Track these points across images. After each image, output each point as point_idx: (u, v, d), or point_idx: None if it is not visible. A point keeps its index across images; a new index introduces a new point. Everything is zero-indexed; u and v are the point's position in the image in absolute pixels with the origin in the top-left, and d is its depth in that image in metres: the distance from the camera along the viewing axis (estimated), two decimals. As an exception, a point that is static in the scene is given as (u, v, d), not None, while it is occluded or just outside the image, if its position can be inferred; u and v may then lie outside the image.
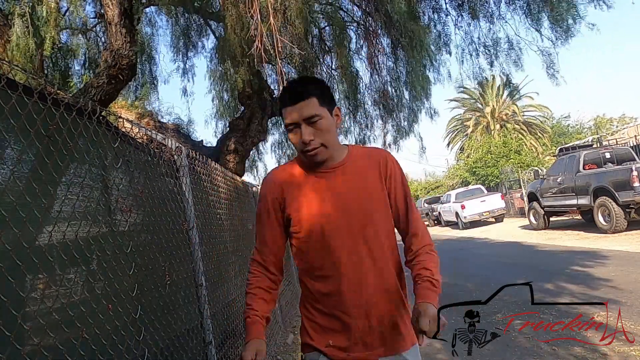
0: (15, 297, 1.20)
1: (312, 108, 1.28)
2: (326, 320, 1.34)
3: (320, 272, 1.34)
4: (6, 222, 1.20)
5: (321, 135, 1.30)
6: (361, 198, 1.34)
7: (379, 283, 1.33)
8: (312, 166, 1.37)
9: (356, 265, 1.32)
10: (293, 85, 1.40)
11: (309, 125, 1.28)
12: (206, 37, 7.69)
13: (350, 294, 1.30)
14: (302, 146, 1.30)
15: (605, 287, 4.94)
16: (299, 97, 1.29)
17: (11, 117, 1.25)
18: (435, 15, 6.50)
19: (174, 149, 2.43)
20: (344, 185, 1.35)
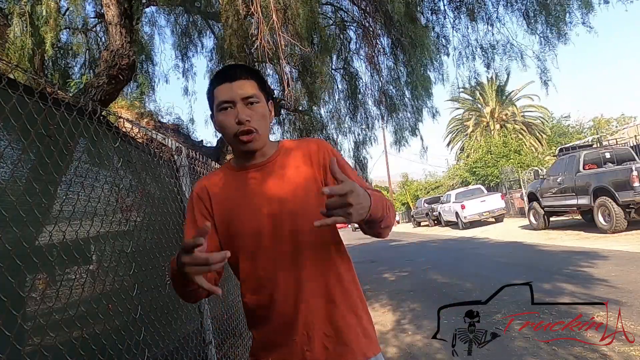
0: (15, 297, 1.20)
1: (251, 88, 1.18)
2: (266, 335, 1.21)
3: (254, 284, 1.20)
4: (6, 222, 1.20)
5: (257, 120, 1.17)
6: (295, 196, 1.20)
7: (319, 290, 1.18)
8: (244, 161, 1.24)
9: (291, 272, 1.17)
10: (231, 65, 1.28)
11: (246, 105, 1.16)
12: (206, 36, 7.70)
13: (285, 305, 1.17)
14: (235, 128, 1.16)
15: (605, 287, 4.94)
16: (238, 75, 1.18)
17: (12, 116, 1.25)
18: (434, 16, 6.51)
19: (174, 149, 2.43)
20: (274, 183, 1.21)
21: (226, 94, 1.16)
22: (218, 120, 1.19)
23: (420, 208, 24.71)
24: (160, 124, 7.22)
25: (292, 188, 1.20)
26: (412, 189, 36.09)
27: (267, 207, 1.19)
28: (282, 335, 1.17)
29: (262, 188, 1.21)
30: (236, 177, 1.24)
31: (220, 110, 1.17)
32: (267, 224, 1.18)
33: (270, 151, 1.25)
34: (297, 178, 1.22)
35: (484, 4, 6.10)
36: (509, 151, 22.55)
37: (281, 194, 1.20)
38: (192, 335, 2.35)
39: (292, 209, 1.18)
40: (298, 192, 1.20)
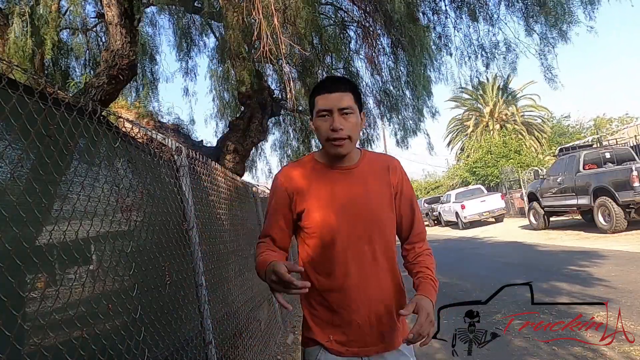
0: (15, 297, 1.20)
1: (348, 100, 1.34)
2: (329, 315, 1.37)
3: (327, 269, 1.36)
4: (6, 222, 1.20)
5: (350, 128, 1.34)
6: (372, 201, 1.38)
7: (381, 284, 1.37)
8: (331, 161, 1.40)
9: (362, 265, 1.35)
10: (334, 77, 1.51)
11: (341, 115, 1.33)
12: (207, 37, 7.70)
13: (354, 292, 1.33)
14: (330, 133, 1.32)
15: (605, 287, 4.94)
16: (338, 88, 1.35)
17: (12, 116, 1.25)
18: (435, 16, 6.50)
19: (174, 149, 2.43)
20: (357, 186, 1.38)
21: (324, 103, 1.34)
22: (316, 124, 1.37)
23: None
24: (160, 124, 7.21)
25: (370, 195, 1.39)
26: (412, 189, 35.99)
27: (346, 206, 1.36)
28: (348, 318, 1.34)
29: (345, 189, 1.38)
30: (324, 173, 1.40)
31: (319, 117, 1.35)
32: (344, 220, 1.35)
33: (356, 157, 1.43)
34: (375, 187, 1.40)
35: (485, 3, 6.09)
36: (509, 151, 22.56)
37: (360, 197, 1.37)
38: (192, 335, 2.35)
39: (372, 211, 1.37)
40: (374, 199, 1.39)
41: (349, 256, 1.34)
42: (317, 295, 1.39)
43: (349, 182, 1.39)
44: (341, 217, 1.35)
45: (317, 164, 1.43)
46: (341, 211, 1.35)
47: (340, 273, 1.35)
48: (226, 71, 7.31)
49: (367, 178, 1.40)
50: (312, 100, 1.40)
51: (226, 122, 8.15)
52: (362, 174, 1.41)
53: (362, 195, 1.38)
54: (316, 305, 1.39)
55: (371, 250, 1.37)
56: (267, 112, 6.50)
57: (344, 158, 1.40)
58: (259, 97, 6.25)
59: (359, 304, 1.34)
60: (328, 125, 1.33)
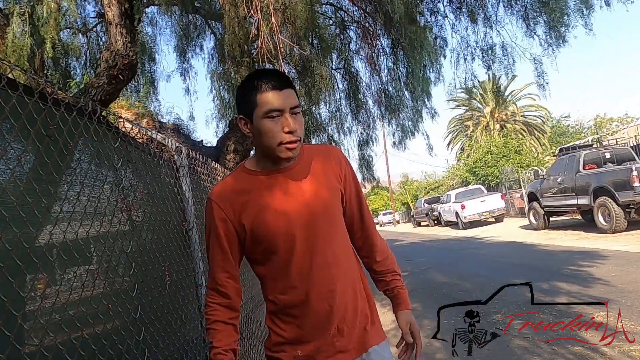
0: (15, 297, 1.20)
1: (295, 98, 1.21)
2: (295, 331, 1.25)
3: (287, 283, 1.23)
4: (6, 222, 1.20)
5: (300, 128, 1.20)
6: (324, 198, 1.25)
7: (346, 287, 1.27)
8: (268, 167, 1.25)
9: (324, 271, 1.23)
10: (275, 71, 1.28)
11: (292, 115, 1.18)
12: (207, 37, 7.70)
13: (319, 302, 1.22)
14: (284, 137, 1.17)
15: (605, 287, 4.94)
16: (285, 83, 1.19)
17: (11, 117, 1.25)
18: (433, 18, 6.51)
19: (174, 149, 2.43)
20: (303, 184, 1.24)
21: (276, 102, 1.17)
22: (264, 126, 1.18)
23: (420, 208, 24.71)
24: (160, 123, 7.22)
25: (318, 192, 1.25)
26: (412, 189, 36.11)
27: (299, 209, 1.22)
28: (315, 330, 1.23)
29: (291, 191, 1.23)
30: (262, 181, 1.24)
31: (268, 117, 1.17)
32: (300, 225, 1.21)
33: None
34: (326, 181, 1.27)
35: (484, 5, 6.09)
36: (509, 151, 22.56)
37: (309, 197, 1.23)
38: (192, 335, 2.35)
39: (326, 210, 1.24)
40: (328, 194, 1.26)
41: (309, 264, 1.21)
42: (280, 313, 1.27)
43: (293, 182, 1.24)
44: (294, 222, 1.21)
45: (251, 174, 1.26)
46: (293, 216, 1.21)
47: (302, 285, 1.22)
48: (226, 71, 7.31)
49: (311, 173, 1.26)
50: (251, 98, 1.20)
51: (226, 122, 8.14)
52: (304, 170, 1.26)
53: (311, 192, 1.24)
54: (281, 323, 1.28)
55: (332, 253, 1.25)
56: (267, 112, 6.49)
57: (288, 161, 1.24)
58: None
59: (327, 314, 1.22)
60: (280, 127, 1.17)
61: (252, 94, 1.19)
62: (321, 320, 1.22)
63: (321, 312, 1.22)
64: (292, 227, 1.20)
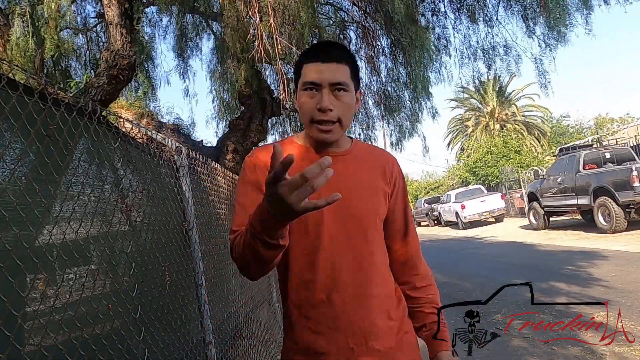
0: (15, 297, 1.20)
1: (343, 75, 1.07)
2: (313, 339, 1.08)
3: (310, 276, 1.08)
4: (6, 222, 1.20)
5: (341, 110, 1.07)
6: (365, 197, 1.14)
7: (380, 296, 1.11)
8: (316, 145, 1.13)
9: (356, 271, 1.09)
10: (327, 43, 1.16)
11: (333, 92, 1.06)
12: (207, 37, 7.70)
13: (346, 305, 1.06)
14: (316, 113, 1.06)
15: (605, 287, 4.94)
16: (332, 57, 1.07)
17: (11, 117, 1.25)
18: (434, 17, 6.51)
19: (174, 149, 2.43)
20: (348, 178, 1.12)
21: (314, 75, 1.06)
22: (300, 99, 1.09)
23: (420, 208, 24.71)
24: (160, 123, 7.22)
25: (367, 189, 1.14)
26: (412, 189, 36.09)
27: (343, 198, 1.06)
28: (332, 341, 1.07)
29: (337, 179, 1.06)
30: (307, 157, 1.11)
31: (305, 90, 1.07)
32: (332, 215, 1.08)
33: (345, 144, 1.18)
34: (372, 182, 1.16)
35: (484, 5, 6.11)
36: (509, 151, 22.57)
37: (352, 189, 1.12)
38: (192, 335, 2.35)
39: (366, 208, 1.13)
40: (371, 195, 1.14)
41: (341, 261, 1.08)
42: (299, 315, 1.11)
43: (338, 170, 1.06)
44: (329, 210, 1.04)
45: (299, 147, 1.15)
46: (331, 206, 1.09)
47: (328, 283, 1.07)
48: (225, 71, 7.31)
49: (359, 169, 1.15)
50: (298, 68, 1.12)
51: (226, 122, 8.15)
52: (353, 164, 1.15)
53: (355, 186, 1.13)
54: (298, 327, 1.11)
55: (369, 254, 1.11)
56: (267, 112, 6.51)
57: (332, 144, 1.14)
58: (259, 97, 6.25)
59: (353, 322, 1.06)
60: (314, 103, 1.06)
61: (299, 63, 1.12)
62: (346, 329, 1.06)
63: (347, 319, 1.06)
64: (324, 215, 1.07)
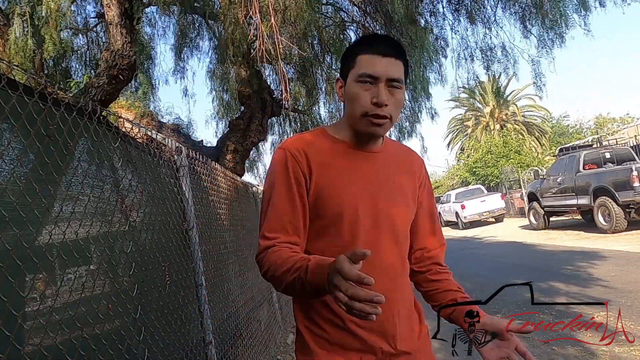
0: (15, 297, 1.20)
1: (400, 71, 1.06)
2: (339, 335, 1.04)
3: None
4: (6, 222, 1.20)
5: (394, 106, 1.05)
6: (399, 200, 1.13)
7: (405, 295, 1.12)
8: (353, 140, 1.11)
9: (387, 270, 1.07)
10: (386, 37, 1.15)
11: (388, 87, 1.04)
12: (206, 37, 7.70)
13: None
14: (371, 107, 1.03)
15: (605, 287, 4.94)
16: (392, 52, 1.05)
17: (11, 117, 1.25)
18: (433, 18, 6.52)
19: (174, 149, 2.43)
20: (383, 174, 1.12)
21: (374, 67, 1.03)
22: (352, 90, 1.05)
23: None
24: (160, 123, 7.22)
25: (394, 190, 1.13)
26: (412, 189, 36.06)
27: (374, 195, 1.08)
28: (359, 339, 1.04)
29: (371, 174, 1.10)
30: (344, 151, 1.10)
31: (360, 82, 1.04)
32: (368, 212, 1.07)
33: (380, 141, 1.16)
34: (401, 184, 1.15)
35: (482, 7, 6.11)
36: (509, 151, 22.57)
37: (388, 187, 1.11)
38: (192, 335, 2.35)
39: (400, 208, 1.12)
40: (404, 194, 1.14)
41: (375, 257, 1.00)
42: (323, 308, 1.05)
43: (374, 167, 1.10)
44: (366, 207, 1.06)
45: (333, 140, 1.12)
46: (366, 200, 1.07)
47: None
48: (226, 71, 7.31)
49: (393, 167, 1.14)
50: (351, 57, 1.08)
51: (226, 122, 8.15)
52: (387, 161, 1.14)
53: (390, 184, 1.11)
54: (320, 321, 1.06)
55: (399, 252, 1.11)
56: (267, 112, 6.51)
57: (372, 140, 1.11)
58: (259, 97, 6.25)
59: (382, 321, 1.03)
60: (370, 97, 1.02)
61: (353, 52, 1.08)
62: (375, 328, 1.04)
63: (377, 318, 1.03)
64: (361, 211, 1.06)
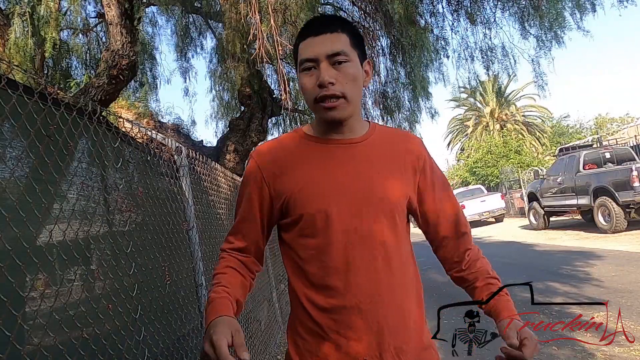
0: (15, 297, 1.20)
1: (340, 43, 0.97)
2: (322, 346, 0.98)
3: (323, 280, 0.98)
4: (6, 222, 1.20)
5: (345, 82, 0.96)
6: (385, 186, 1.01)
7: (397, 301, 1.01)
8: (325, 132, 1.03)
9: (371, 274, 0.98)
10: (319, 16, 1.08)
11: (332, 65, 0.96)
12: (207, 37, 7.71)
13: (359, 312, 0.96)
14: (316, 91, 0.96)
15: (605, 287, 4.94)
16: (325, 28, 0.97)
17: (11, 117, 1.25)
18: (432, 19, 6.53)
19: (174, 149, 2.43)
20: (363, 165, 1.01)
21: (309, 50, 0.96)
22: (300, 82, 0.99)
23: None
24: (160, 123, 7.22)
25: (387, 179, 1.02)
26: (412, 189, 36.09)
27: (351, 192, 0.99)
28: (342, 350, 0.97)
29: (347, 168, 1.00)
30: (315, 148, 1.03)
31: (303, 71, 0.98)
32: (346, 212, 0.98)
33: (361, 130, 1.06)
34: (388, 170, 1.03)
35: (482, 7, 6.12)
36: (509, 151, 22.57)
37: (369, 180, 1.00)
38: (192, 334, 2.35)
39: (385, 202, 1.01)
40: (392, 187, 1.02)
41: (351, 262, 0.97)
42: (307, 319, 1.00)
43: (351, 160, 1.01)
44: (342, 206, 0.97)
45: (305, 138, 1.05)
46: (342, 199, 0.98)
47: (339, 287, 0.97)
48: (226, 71, 7.31)
49: (377, 156, 1.03)
50: (295, 51, 1.02)
51: (226, 122, 8.15)
52: (370, 151, 1.03)
53: (372, 177, 1.01)
54: (304, 332, 1.01)
55: (383, 253, 0.99)
56: (267, 112, 6.51)
57: (344, 127, 1.02)
58: (259, 97, 6.26)
59: (366, 330, 0.96)
60: (314, 81, 0.96)
61: (296, 47, 1.02)
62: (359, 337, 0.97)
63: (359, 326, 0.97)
64: (336, 212, 0.98)
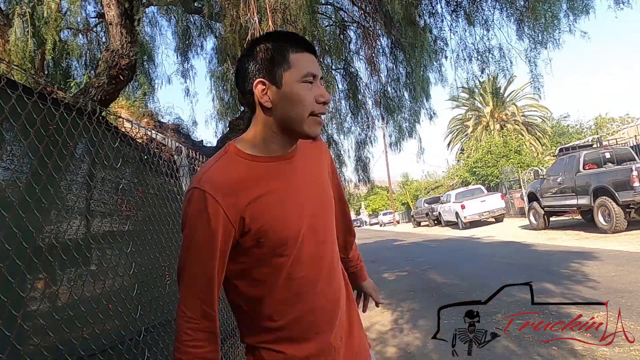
0: (16, 297, 1.20)
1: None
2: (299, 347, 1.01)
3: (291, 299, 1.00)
4: (6, 222, 1.20)
5: None
6: (323, 192, 1.09)
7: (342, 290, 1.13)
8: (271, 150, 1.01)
9: (329, 272, 1.06)
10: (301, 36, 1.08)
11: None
12: (207, 37, 7.71)
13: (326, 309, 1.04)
14: (317, 107, 0.97)
15: (605, 287, 4.94)
16: (313, 49, 1.02)
17: (11, 117, 1.25)
18: (431, 19, 6.54)
19: (173, 149, 2.43)
20: (305, 177, 1.05)
21: (313, 66, 0.98)
22: (298, 92, 0.96)
23: (420, 208, 24.71)
24: (160, 123, 7.22)
25: (321, 184, 1.10)
26: (412, 189, 36.12)
27: (307, 204, 1.02)
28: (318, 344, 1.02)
29: (297, 183, 1.02)
30: (266, 169, 0.99)
31: (304, 82, 0.96)
32: (308, 224, 1.01)
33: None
34: (320, 174, 1.11)
35: (480, 8, 6.14)
36: (509, 151, 22.57)
37: (313, 191, 1.05)
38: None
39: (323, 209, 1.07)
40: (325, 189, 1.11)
41: (317, 270, 1.03)
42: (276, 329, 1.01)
43: (296, 174, 1.02)
44: (300, 222, 1.00)
45: (249, 159, 1.00)
46: (300, 214, 1.00)
47: (309, 293, 1.01)
48: (226, 71, 7.31)
49: (308, 165, 1.08)
50: (280, 56, 0.96)
51: (226, 122, 8.15)
52: (304, 161, 1.06)
53: (313, 187, 1.06)
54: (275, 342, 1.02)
55: (331, 253, 1.08)
56: (267, 112, 6.51)
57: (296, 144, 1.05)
58: (259, 97, 6.25)
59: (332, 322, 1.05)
60: (312, 95, 0.97)
61: (284, 53, 0.96)
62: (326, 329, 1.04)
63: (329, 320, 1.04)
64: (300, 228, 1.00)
